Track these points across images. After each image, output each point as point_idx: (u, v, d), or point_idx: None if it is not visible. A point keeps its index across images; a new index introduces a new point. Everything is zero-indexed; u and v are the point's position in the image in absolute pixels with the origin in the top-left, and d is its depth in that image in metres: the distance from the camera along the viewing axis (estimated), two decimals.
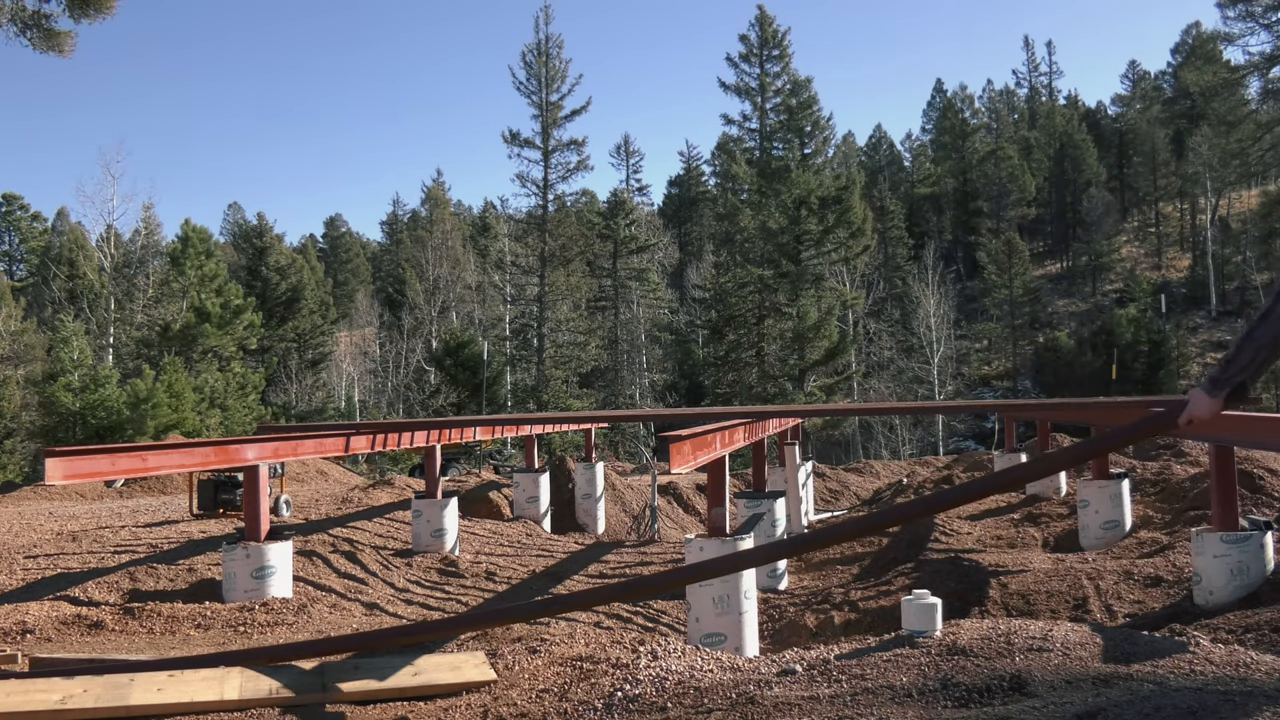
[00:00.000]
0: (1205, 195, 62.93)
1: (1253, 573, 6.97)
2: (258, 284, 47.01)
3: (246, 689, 4.28)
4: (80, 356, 28.42)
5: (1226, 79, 42.62)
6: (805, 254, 39.02)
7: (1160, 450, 17.73)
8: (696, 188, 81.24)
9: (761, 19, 43.01)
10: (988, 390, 57.45)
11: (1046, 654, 3.85)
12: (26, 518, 15.19)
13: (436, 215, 70.08)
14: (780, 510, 11.30)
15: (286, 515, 14.54)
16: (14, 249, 76.93)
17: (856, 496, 20.85)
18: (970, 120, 78.81)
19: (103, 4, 9.23)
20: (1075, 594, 7.93)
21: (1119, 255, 68.63)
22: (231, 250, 60.80)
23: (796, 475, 15.38)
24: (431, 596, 9.80)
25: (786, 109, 42.42)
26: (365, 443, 12.56)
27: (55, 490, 18.58)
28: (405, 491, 16.59)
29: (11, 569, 9.59)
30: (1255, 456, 10.89)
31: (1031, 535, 11.85)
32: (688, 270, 63.43)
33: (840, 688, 3.52)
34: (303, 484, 21.38)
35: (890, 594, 8.74)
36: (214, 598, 8.19)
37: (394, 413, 43.65)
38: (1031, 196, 73.00)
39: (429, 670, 4.47)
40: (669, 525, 16.19)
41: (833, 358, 38.52)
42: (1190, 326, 55.56)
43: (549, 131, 43.12)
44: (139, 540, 11.72)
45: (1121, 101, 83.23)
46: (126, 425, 26.48)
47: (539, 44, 43.22)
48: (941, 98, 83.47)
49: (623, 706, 3.71)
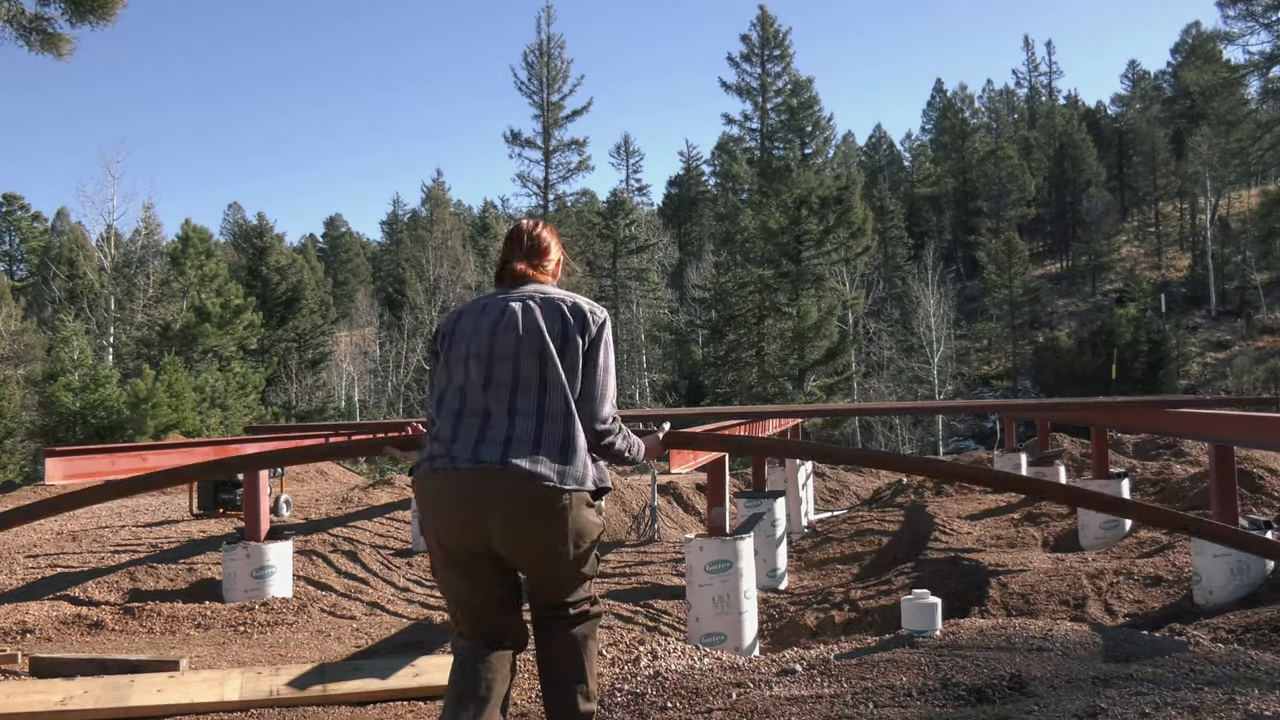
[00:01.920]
0: (1205, 195, 62.91)
1: (1253, 572, 6.97)
2: (258, 284, 46.98)
3: (247, 689, 4.28)
4: (80, 356, 28.41)
5: (1226, 78, 42.63)
6: (805, 254, 39.03)
7: (1160, 450, 17.74)
8: (696, 188, 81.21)
9: (763, 19, 43.04)
10: (988, 390, 57.45)
11: (1046, 653, 3.86)
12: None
13: (436, 215, 70.05)
14: (780, 510, 11.30)
15: (286, 515, 14.54)
16: (14, 249, 76.95)
17: (856, 496, 20.84)
18: (970, 120, 78.79)
19: (104, 10, 9.21)
20: (1075, 593, 7.93)
21: (1119, 255, 68.61)
22: (231, 250, 60.78)
23: (796, 475, 15.39)
24: (432, 596, 9.81)
25: (787, 109, 42.43)
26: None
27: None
28: (405, 491, 16.59)
29: (11, 569, 9.60)
30: (1255, 456, 10.89)
31: (1031, 535, 11.85)
32: (688, 270, 63.42)
33: (840, 687, 3.53)
34: (303, 484, 21.36)
35: (890, 594, 8.74)
36: (214, 597, 8.19)
37: (394, 413, 43.65)
38: (1031, 196, 72.97)
39: (429, 671, 4.47)
40: (669, 525, 16.19)
41: (833, 358, 38.52)
42: (1190, 326, 55.54)
43: (550, 132, 43.16)
44: (139, 540, 11.73)
45: (1121, 101, 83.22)
46: (126, 425, 26.48)
47: (541, 44, 43.27)
48: (941, 98, 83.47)
49: (623, 706, 3.71)
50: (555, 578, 2.79)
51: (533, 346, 2.74)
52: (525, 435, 2.66)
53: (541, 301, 2.85)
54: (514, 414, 2.69)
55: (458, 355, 2.81)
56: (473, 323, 2.85)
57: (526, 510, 2.64)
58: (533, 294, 2.89)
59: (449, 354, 2.85)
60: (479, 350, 2.78)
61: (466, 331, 2.84)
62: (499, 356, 2.74)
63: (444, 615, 8.61)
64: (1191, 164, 61.88)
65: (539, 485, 2.62)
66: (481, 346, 2.78)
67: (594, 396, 2.77)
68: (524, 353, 2.73)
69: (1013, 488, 8.53)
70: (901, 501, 16.64)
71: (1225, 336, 55.04)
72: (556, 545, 2.68)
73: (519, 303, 2.84)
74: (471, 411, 2.73)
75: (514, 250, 3.03)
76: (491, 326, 2.80)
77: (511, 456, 2.63)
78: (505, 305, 2.85)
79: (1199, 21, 74.47)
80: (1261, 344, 52.18)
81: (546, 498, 2.64)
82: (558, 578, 2.79)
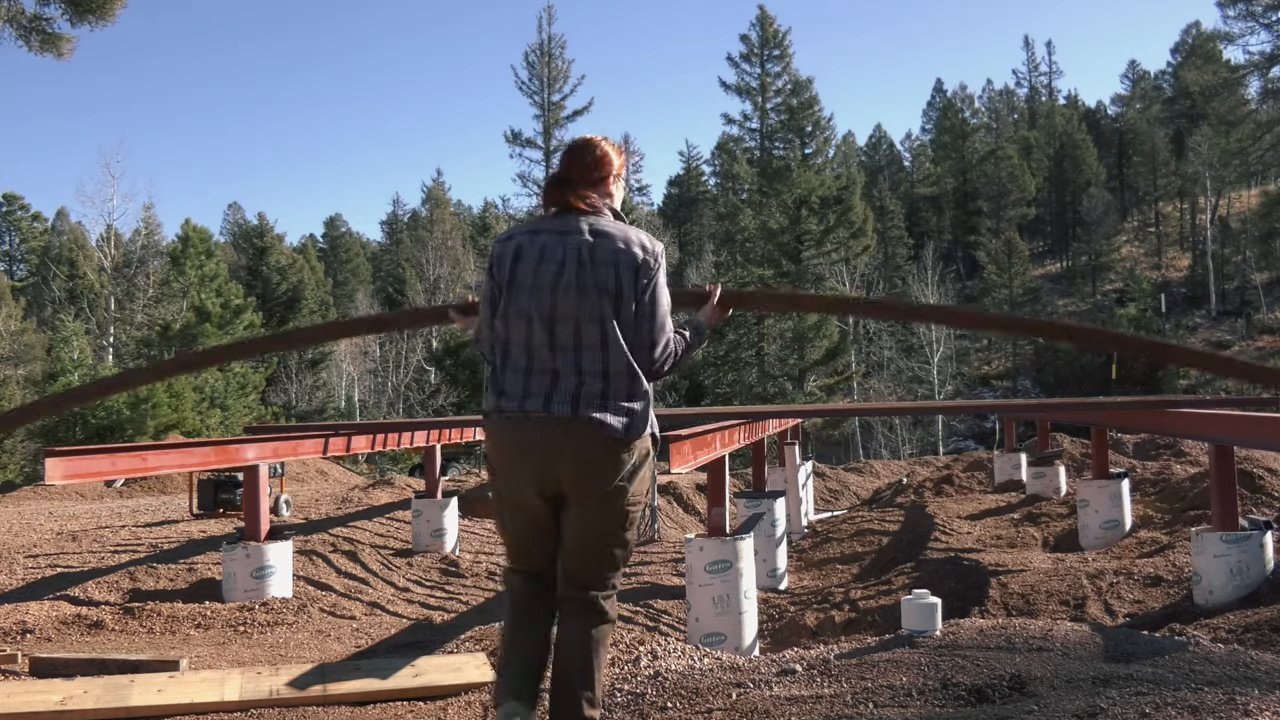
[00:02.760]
0: (1205, 195, 62.92)
1: (1252, 572, 6.97)
2: (258, 284, 47.04)
3: (247, 689, 4.28)
4: (80, 356, 28.44)
5: (1226, 78, 42.67)
6: (806, 254, 39.03)
7: (1160, 450, 17.76)
8: (696, 188, 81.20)
9: (762, 19, 43.01)
10: (988, 390, 57.46)
11: (1046, 653, 3.86)
12: (26, 518, 15.20)
13: (436, 215, 70.00)
14: (780, 510, 11.29)
15: (286, 515, 14.54)
16: (14, 249, 76.93)
17: (856, 496, 20.86)
18: (970, 120, 78.78)
19: (104, 11, 9.19)
20: (1075, 593, 7.93)
21: (1119, 255, 68.64)
22: (231, 250, 60.79)
23: (796, 475, 15.39)
24: (432, 596, 9.81)
25: (787, 109, 42.42)
26: (365, 443, 12.57)
27: (55, 490, 18.59)
28: (405, 491, 16.60)
29: (11, 569, 9.59)
30: (1255, 456, 10.90)
31: (1031, 535, 11.86)
32: (688, 270, 63.39)
33: (840, 687, 3.53)
34: (303, 484, 21.39)
35: (890, 593, 8.74)
36: (214, 597, 8.19)
37: (394, 413, 43.64)
38: (1031, 196, 72.96)
39: (429, 671, 4.47)
40: (669, 525, 16.19)
41: (833, 358, 38.53)
42: (1190, 326, 55.57)
43: (551, 132, 43.14)
44: (139, 540, 11.73)
45: (1121, 101, 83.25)
46: (126, 425, 26.50)
47: (541, 44, 43.25)
48: (941, 98, 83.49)
49: (623, 706, 3.71)
50: (604, 539, 3.01)
51: (593, 312, 2.94)
52: (592, 392, 2.92)
53: (598, 248, 2.99)
54: (580, 373, 2.94)
55: (519, 309, 2.98)
56: (532, 273, 2.99)
57: (594, 457, 2.92)
58: (588, 237, 3.01)
59: (510, 304, 3.01)
60: (541, 310, 2.95)
61: (526, 283, 2.99)
62: (560, 317, 2.94)
63: (444, 615, 8.62)
64: (1191, 164, 61.88)
65: (606, 435, 2.91)
66: (543, 305, 2.95)
67: (650, 341, 3.01)
68: (585, 317, 2.93)
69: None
70: (901, 501, 16.65)
71: (1225, 336, 55.03)
72: (620, 495, 2.96)
73: (575, 250, 2.99)
74: (540, 370, 2.96)
75: (570, 168, 3.16)
76: (552, 283, 2.95)
77: (580, 411, 2.90)
78: (563, 254, 2.99)
79: (1199, 21, 74.50)
80: (1261, 344, 52.18)
81: (612, 446, 2.93)
82: (606, 538, 3.01)
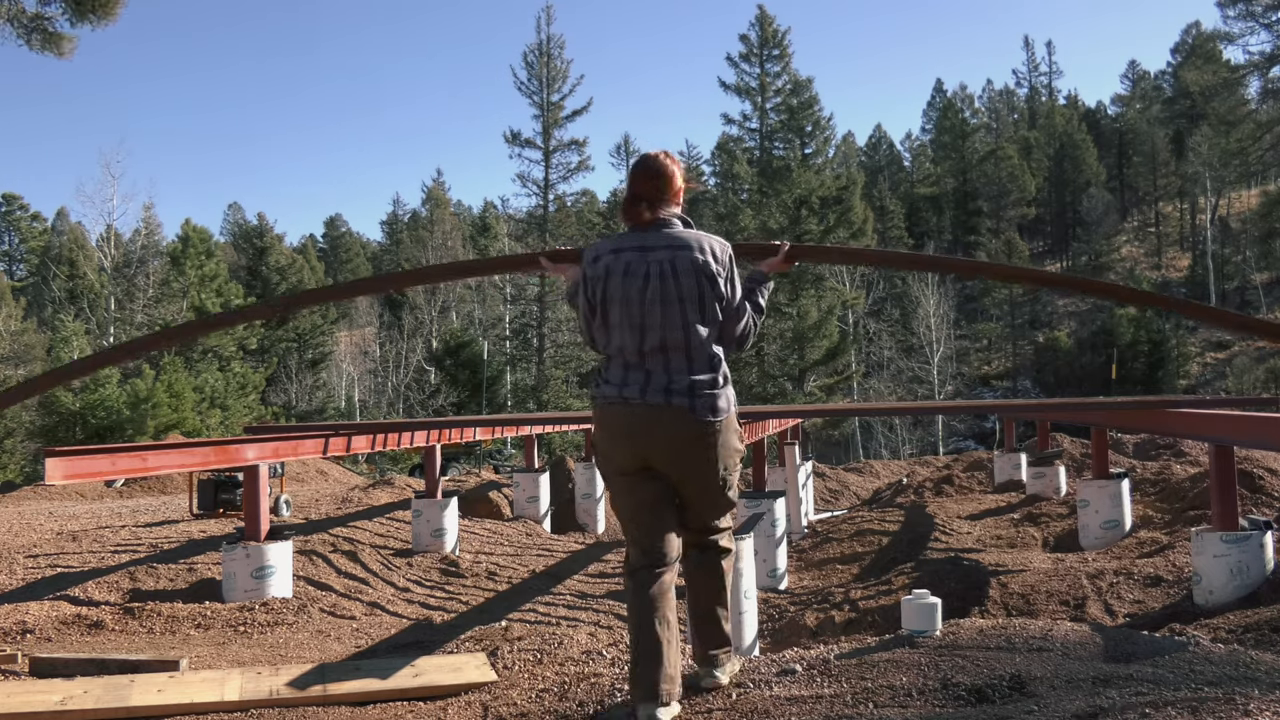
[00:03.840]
0: (1205, 195, 62.94)
1: (1253, 572, 6.97)
2: (258, 284, 47.05)
3: (247, 689, 4.28)
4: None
5: (1226, 78, 42.70)
6: None
7: (1160, 450, 17.75)
8: (696, 188, 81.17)
9: (762, 19, 43.03)
10: (988, 390, 57.48)
11: (1046, 654, 3.86)
12: (26, 518, 15.20)
13: (436, 215, 70.09)
14: (780, 510, 11.29)
15: (286, 515, 14.54)
16: (14, 249, 76.99)
17: (856, 496, 20.86)
18: (970, 120, 78.79)
19: (105, 10, 9.20)
20: (1075, 594, 7.93)
21: (1119, 255, 68.66)
22: (231, 250, 60.82)
23: (796, 475, 15.39)
24: (432, 596, 9.80)
25: (787, 109, 42.45)
26: (365, 443, 12.55)
27: (55, 490, 18.59)
28: (405, 491, 16.59)
29: (11, 569, 9.59)
30: (1255, 456, 10.88)
31: (1031, 535, 11.85)
32: None
33: (840, 687, 3.53)
34: (303, 484, 21.38)
35: (890, 594, 8.74)
36: (214, 597, 8.19)
37: (394, 413, 43.65)
38: (1031, 196, 72.97)
39: (429, 671, 4.47)
40: None
41: (833, 358, 38.56)
42: (1190, 326, 55.53)
43: (550, 132, 43.17)
44: (139, 540, 11.73)
45: (1121, 101, 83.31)
46: (126, 425, 26.50)
47: (540, 44, 43.31)
48: (941, 98, 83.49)
49: (623, 705, 3.71)
50: (709, 497, 3.51)
51: (676, 321, 3.42)
52: (681, 385, 3.41)
53: (678, 259, 3.44)
54: (669, 370, 3.43)
55: (615, 319, 3.48)
56: (621, 289, 3.46)
57: (686, 439, 3.40)
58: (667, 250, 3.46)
59: (606, 314, 3.50)
60: (633, 320, 3.44)
61: (617, 297, 3.47)
62: (649, 327, 3.42)
63: (444, 615, 8.61)
64: (1191, 164, 61.91)
65: (696, 420, 3.39)
66: (635, 316, 3.43)
67: (732, 334, 3.54)
68: (670, 325, 3.41)
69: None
70: (901, 501, 16.64)
71: (1225, 336, 55.04)
72: (714, 463, 3.45)
73: (658, 265, 3.44)
74: (636, 366, 3.46)
75: (641, 185, 3.58)
76: (640, 296, 3.43)
77: (673, 400, 3.39)
78: (647, 270, 3.45)
79: (1199, 21, 74.54)
80: (1261, 344, 52.16)
81: (702, 429, 3.40)
82: (711, 496, 3.50)
